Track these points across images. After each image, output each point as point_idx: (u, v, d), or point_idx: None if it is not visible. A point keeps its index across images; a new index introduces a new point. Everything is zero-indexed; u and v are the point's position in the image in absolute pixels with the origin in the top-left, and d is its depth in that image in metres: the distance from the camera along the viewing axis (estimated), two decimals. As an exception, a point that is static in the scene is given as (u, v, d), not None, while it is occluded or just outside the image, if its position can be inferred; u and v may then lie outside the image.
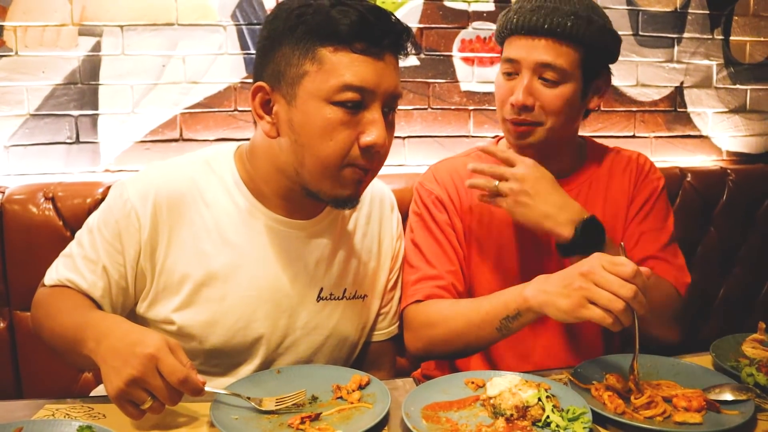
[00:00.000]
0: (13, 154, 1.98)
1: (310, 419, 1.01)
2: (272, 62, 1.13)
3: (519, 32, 1.35)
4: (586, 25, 1.33)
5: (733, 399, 1.06)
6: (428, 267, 1.39)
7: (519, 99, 1.34)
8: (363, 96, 1.09)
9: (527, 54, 1.34)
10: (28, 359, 1.76)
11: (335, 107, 1.09)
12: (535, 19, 1.33)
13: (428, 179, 1.51)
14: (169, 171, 1.24)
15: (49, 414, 1.04)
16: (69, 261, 1.23)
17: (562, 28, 1.32)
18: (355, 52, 1.08)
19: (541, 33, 1.33)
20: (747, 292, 2.25)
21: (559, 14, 1.32)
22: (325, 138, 1.09)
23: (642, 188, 1.48)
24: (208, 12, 2.04)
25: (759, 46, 2.47)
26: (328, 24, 1.07)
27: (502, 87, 1.40)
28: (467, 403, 1.07)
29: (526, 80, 1.34)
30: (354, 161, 1.12)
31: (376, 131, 1.10)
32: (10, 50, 1.94)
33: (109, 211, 1.20)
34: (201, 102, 2.06)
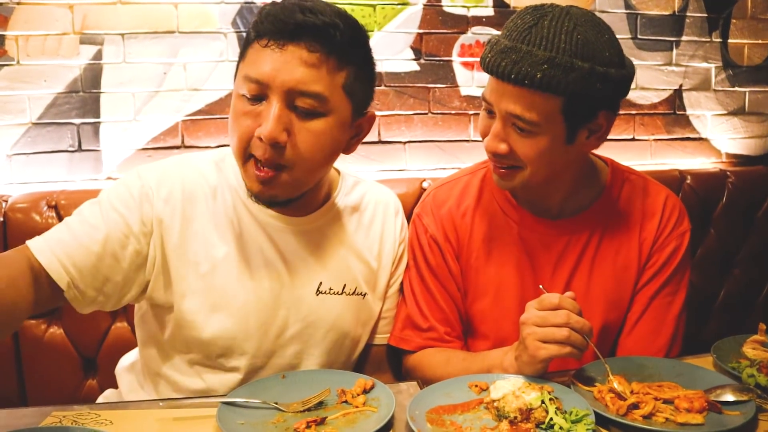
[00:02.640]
0: (15, 163, 1.99)
1: (316, 423, 1.01)
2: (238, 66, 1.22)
3: (492, 73, 1.22)
4: (564, 75, 1.15)
5: (735, 400, 1.06)
6: (419, 316, 1.40)
7: (490, 146, 1.26)
8: (261, 88, 1.13)
9: (498, 100, 1.22)
10: (32, 366, 1.76)
11: (240, 98, 1.15)
12: (503, 65, 1.18)
13: (426, 211, 1.44)
14: (184, 165, 1.28)
15: (56, 421, 1.04)
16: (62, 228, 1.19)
17: (530, 79, 1.16)
18: (261, 46, 1.13)
19: (508, 81, 1.18)
20: (747, 293, 2.25)
21: (529, 62, 1.15)
22: (233, 127, 1.17)
23: (666, 244, 1.37)
24: (209, 19, 2.05)
25: (757, 48, 2.49)
26: (257, 22, 1.15)
27: (483, 122, 1.30)
28: (471, 406, 1.08)
29: (499, 127, 1.24)
30: (252, 152, 1.15)
31: (265, 123, 1.11)
32: (12, 59, 1.95)
33: (123, 186, 1.23)
34: (202, 109, 2.07)
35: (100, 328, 1.77)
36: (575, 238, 1.38)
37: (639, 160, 2.40)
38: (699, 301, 2.17)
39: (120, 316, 1.79)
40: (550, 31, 1.17)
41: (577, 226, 1.38)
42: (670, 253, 1.37)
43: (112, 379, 1.42)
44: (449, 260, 1.41)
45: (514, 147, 1.24)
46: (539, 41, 1.17)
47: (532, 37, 1.18)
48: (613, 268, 1.36)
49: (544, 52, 1.16)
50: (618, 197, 1.40)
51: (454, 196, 1.45)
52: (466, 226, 1.41)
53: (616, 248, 1.38)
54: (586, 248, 1.38)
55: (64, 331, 1.76)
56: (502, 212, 1.41)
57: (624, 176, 1.43)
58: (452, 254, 1.41)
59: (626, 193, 1.41)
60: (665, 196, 1.42)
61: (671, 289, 1.37)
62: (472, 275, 1.42)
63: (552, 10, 1.20)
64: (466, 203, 1.43)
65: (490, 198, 1.42)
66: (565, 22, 1.18)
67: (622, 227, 1.39)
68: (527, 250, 1.39)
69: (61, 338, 1.76)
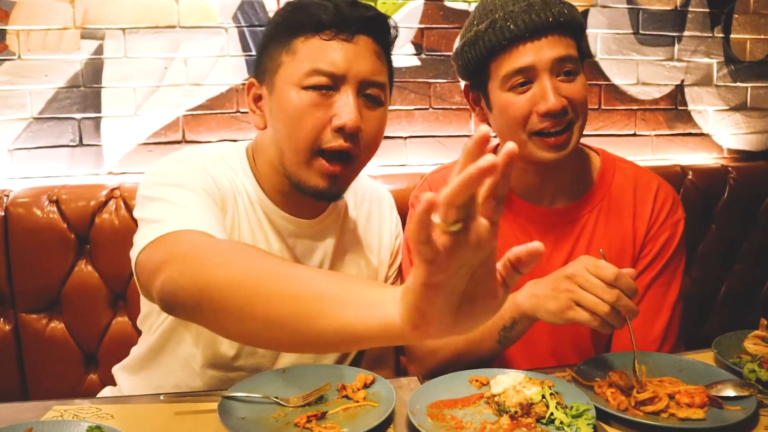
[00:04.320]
0: (16, 158, 1.99)
1: (317, 418, 1.02)
2: (261, 61, 1.20)
3: (521, 38, 1.24)
4: (574, 10, 1.28)
5: (736, 395, 1.06)
6: None
7: (555, 103, 1.23)
8: (333, 80, 1.13)
9: (539, 55, 1.24)
10: (33, 361, 1.76)
11: (306, 91, 1.13)
12: (534, 17, 1.24)
13: (423, 189, 1.46)
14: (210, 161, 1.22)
15: (57, 415, 1.05)
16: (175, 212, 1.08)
17: (564, 16, 1.25)
18: (325, 39, 1.14)
19: (545, 29, 1.24)
20: (748, 289, 2.25)
21: (551, 5, 1.25)
22: (295, 122, 1.13)
23: (659, 233, 1.38)
24: (210, 14, 2.05)
25: (759, 43, 2.48)
26: (303, 17, 1.15)
27: (518, 102, 1.27)
28: (472, 401, 1.08)
29: (549, 82, 1.24)
30: (326, 145, 1.13)
31: (346, 113, 1.12)
32: (13, 54, 1.95)
33: (190, 172, 1.16)
34: (203, 104, 2.07)
35: (101, 322, 1.78)
36: (569, 227, 1.39)
37: (640, 156, 2.39)
38: (700, 296, 2.17)
39: (121, 311, 1.79)
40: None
41: (571, 215, 1.39)
42: (664, 242, 1.38)
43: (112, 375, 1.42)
44: None
45: (568, 94, 1.26)
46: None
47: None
48: (608, 257, 1.36)
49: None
50: (610, 186, 1.41)
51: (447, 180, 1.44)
52: None
53: (609, 238, 1.38)
54: (580, 237, 1.39)
55: (65, 326, 1.76)
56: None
57: (615, 165, 1.44)
58: None
59: (618, 183, 1.42)
60: (657, 184, 1.42)
61: (666, 278, 1.38)
62: None
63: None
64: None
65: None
66: None
67: (615, 216, 1.39)
68: (522, 238, 1.39)
69: (62, 333, 1.76)
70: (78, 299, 1.76)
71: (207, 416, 1.05)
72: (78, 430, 0.96)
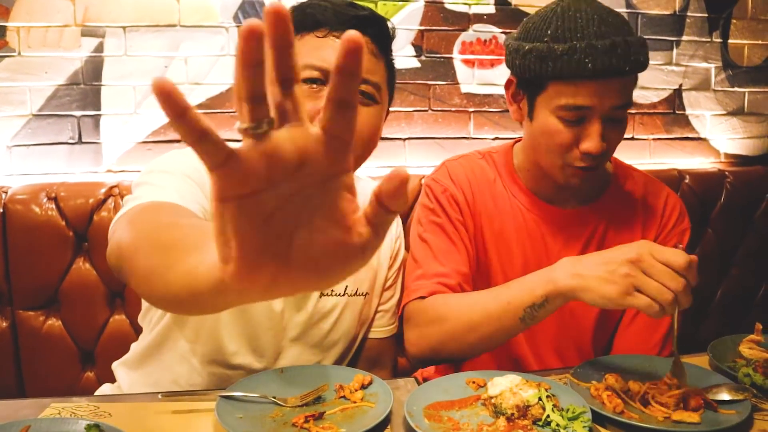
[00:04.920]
0: (15, 154, 1.98)
1: (314, 418, 1.02)
2: None
3: (594, 77, 1.19)
4: (646, 50, 1.24)
5: (730, 399, 1.07)
6: (436, 264, 1.33)
7: (599, 148, 1.23)
8: (324, 75, 1.15)
9: (601, 100, 1.21)
10: (30, 358, 1.76)
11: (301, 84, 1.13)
12: (615, 62, 1.18)
13: (443, 175, 1.44)
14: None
15: (55, 413, 1.05)
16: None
17: (641, 65, 1.23)
18: (319, 36, 1.17)
19: (619, 75, 1.21)
20: (744, 293, 2.26)
21: (633, 48, 1.20)
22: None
23: (666, 242, 1.38)
24: (211, 13, 2.05)
25: (757, 49, 2.49)
26: (300, 17, 1.18)
27: (564, 133, 1.25)
28: (469, 403, 1.09)
29: (600, 127, 1.23)
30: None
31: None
32: (13, 51, 1.95)
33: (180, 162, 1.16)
34: (203, 103, 2.07)
35: (99, 320, 1.78)
36: (580, 229, 1.40)
37: (638, 160, 2.40)
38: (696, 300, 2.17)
39: (118, 309, 1.79)
40: (614, 17, 1.24)
41: (583, 217, 1.40)
42: (673, 241, 1.37)
43: (109, 372, 1.42)
44: (467, 219, 1.39)
45: (609, 138, 1.25)
46: (621, 28, 1.22)
47: (610, 28, 1.21)
48: None
49: (633, 37, 1.22)
50: (621, 192, 1.43)
51: (468, 170, 1.44)
52: (479, 198, 1.41)
53: (619, 243, 1.37)
54: (590, 240, 1.40)
55: (62, 323, 1.76)
56: (511, 197, 1.42)
57: (627, 173, 1.47)
58: (470, 215, 1.40)
59: (629, 189, 1.44)
60: (666, 194, 1.45)
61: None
62: (481, 246, 1.41)
63: (577, 1, 1.25)
64: (479, 179, 1.43)
65: (502, 182, 1.44)
66: (600, 6, 1.26)
67: (625, 222, 1.41)
68: (532, 236, 1.40)
69: (59, 330, 1.76)
70: (76, 297, 1.76)
71: (205, 415, 1.05)
72: (76, 427, 0.96)
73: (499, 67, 2.26)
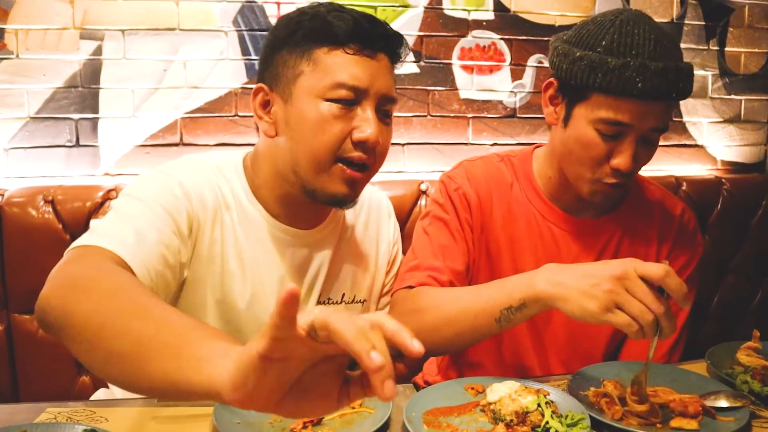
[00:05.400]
0: (12, 157, 1.98)
1: (312, 424, 1.02)
2: (272, 66, 1.19)
3: (640, 97, 1.18)
4: (692, 76, 1.23)
5: (728, 406, 1.07)
6: (432, 258, 1.33)
7: (630, 167, 1.23)
8: (356, 94, 1.14)
9: (642, 120, 1.21)
10: (25, 362, 1.75)
11: (328, 103, 1.14)
12: (664, 87, 1.18)
13: (459, 174, 1.43)
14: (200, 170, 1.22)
15: (51, 417, 1.04)
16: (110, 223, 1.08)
17: (686, 93, 1.22)
18: (349, 53, 1.14)
19: (664, 99, 1.20)
20: (741, 300, 2.27)
21: (683, 75, 1.20)
22: (318, 131, 1.14)
23: (679, 255, 1.40)
24: (210, 17, 2.05)
25: (753, 57, 2.50)
26: (324, 27, 1.14)
27: (599, 147, 1.24)
28: (467, 409, 1.08)
29: (634, 146, 1.23)
30: (346, 155, 1.15)
31: (368, 127, 1.14)
32: (11, 53, 1.94)
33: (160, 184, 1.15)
34: (202, 107, 2.07)
35: (95, 324, 1.77)
36: (595, 239, 1.39)
37: (635, 166, 2.40)
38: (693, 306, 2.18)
39: (115, 313, 1.78)
40: (669, 40, 1.22)
41: (599, 228, 1.40)
42: (683, 265, 1.41)
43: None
44: (476, 222, 1.38)
45: (639, 158, 1.26)
46: (674, 53, 1.22)
47: (665, 51, 1.20)
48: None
49: (684, 64, 1.21)
50: (638, 204, 1.43)
51: (485, 172, 1.43)
52: (495, 201, 1.40)
53: (633, 254, 1.36)
54: (604, 250, 1.39)
55: (58, 327, 1.75)
56: (528, 202, 1.41)
57: (644, 185, 1.47)
58: (480, 219, 1.39)
59: (646, 201, 1.44)
60: (681, 208, 1.46)
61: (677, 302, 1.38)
62: (486, 253, 1.39)
63: (636, 17, 1.23)
64: (496, 182, 1.42)
65: (519, 187, 1.42)
66: (657, 26, 1.23)
67: (640, 234, 1.41)
68: (546, 244, 1.39)
69: (55, 334, 1.75)
70: (72, 300, 1.75)
71: (202, 420, 1.04)
72: (73, 432, 0.95)
73: (497, 73, 2.26)
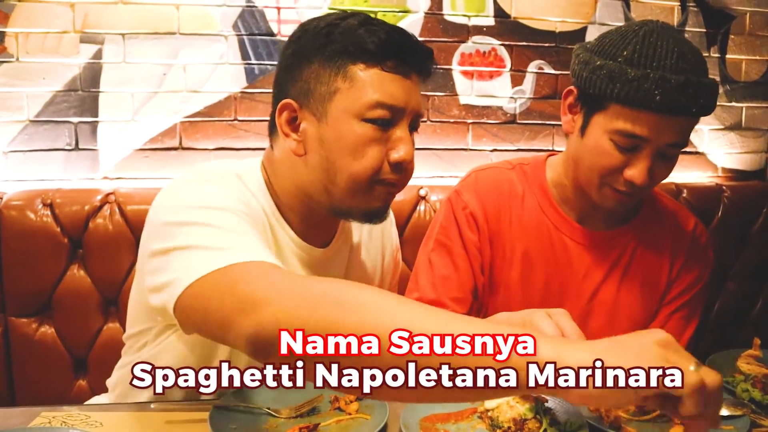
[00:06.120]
0: (11, 160, 1.98)
1: (308, 430, 1.01)
2: (300, 80, 1.13)
3: (658, 111, 1.15)
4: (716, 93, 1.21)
5: (729, 414, 1.06)
6: (432, 291, 1.34)
7: (645, 181, 1.21)
8: (392, 113, 1.11)
9: (659, 135, 1.18)
10: (22, 366, 1.75)
11: (366, 124, 1.10)
12: (683, 101, 1.15)
13: (468, 188, 1.41)
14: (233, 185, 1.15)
15: (45, 422, 1.03)
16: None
17: (708, 110, 1.19)
18: (386, 70, 1.10)
19: (684, 114, 1.18)
20: (741, 307, 2.26)
21: (705, 90, 1.17)
22: (357, 154, 1.10)
23: (691, 269, 1.40)
24: (210, 22, 2.05)
25: (754, 64, 2.50)
26: (359, 42, 1.09)
27: (612, 157, 1.22)
28: (465, 416, 1.08)
29: (650, 160, 1.20)
30: (384, 177, 1.13)
31: (404, 148, 1.12)
32: (11, 56, 1.94)
33: (227, 197, 1.07)
34: (201, 111, 2.07)
35: (92, 328, 1.76)
36: (608, 251, 1.38)
37: (636, 173, 2.40)
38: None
39: (112, 317, 1.78)
40: (694, 54, 1.20)
41: (612, 240, 1.38)
42: (694, 278, 1.40)
43: (102, 380, 1.40)
44: (483, 242, 1.36)
45: (655, 173, 1.23)
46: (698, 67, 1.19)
47: (688, 65, 1.17)
48: (641, 286, 1.35)
49: (708, 80, 1.19)
50: (652, 217, 1.42)
51: (496, 183, 1.41)
52: (505, 214, 1.38)
53: (646, 267, 1.38)
54: (617, 263, 1.38)
55: (55, 331, 1.75)
56: (541, 212, 1.39)
57: (657, 197, 1.46)
58: (487, 236, 1.37)
59: (659, 215, 1.43)
60: (694, 222, 1.45)
61: (687, 312, 1.39)
62: (498, 266, 1.38)
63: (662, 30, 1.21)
64: (507, 193, 1.40)
65: (532, 197, 1.40)
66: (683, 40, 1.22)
67: (654, 247, 1.39)
68: (558, 255, 1.37)
69: (51, 338, 1.75)
70: (69, 304, 1.75)
71: (197, 425, 1.03)
72: (66, 437, 0.95)
73: (498, 79, 2.26)
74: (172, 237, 0.97)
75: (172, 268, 0.95)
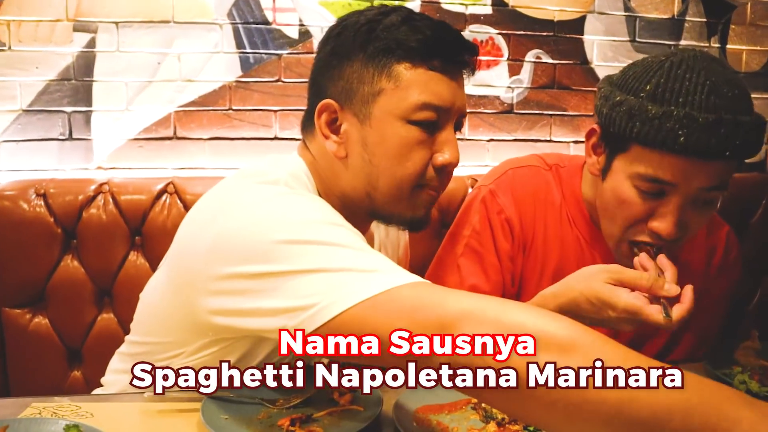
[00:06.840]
0: (4, 150, 1.96)
1: (301, 421, 1.00)
2: (341, 79, 1.08)
3: (684, 153, 1.03)
4: (758, 133, 1.07)
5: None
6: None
7: (672, 233, 1.09)
8: (439, 115, 1.07)
9: (688, 180, 1.06)
10: (16, 357, 1.74)
11: (412, 126, 1.06)
12: (714, 143, 1.02)
13: (504, 189, 1.31)
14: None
15: (35, 412, 1.02)
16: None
17: (747, 151, 1.06)
18: (432, 70, 1.06)
19: (716, 158, 1.04)
20: (739, 299, 2.25)
21: (743, 130, 1.03)
22: (401, 158, 1.07)
23: (722, 273, 1.37)
24: (205, 10, 2.03)
25: (755, 54, 2.48)
26: (403, 40, 1.05)
27: (637, 206, 1.11)
28: (458, 407, 1.07)
29: (680, 210, 1.08)
30: (428, 182, 1.10)
31: (450, 150, 1.09)
32: (4, 45, 1.92)
33: (327, 209, 1.02)
34: (195, 100, 2.05)
35: (86, 318, 1.75)
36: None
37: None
38: (691, 306, 2.17)
39: (106, 307, 1.77)
40: (731, 87, 1.08)
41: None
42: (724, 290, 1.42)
43: (96, 371, 1.39)
44: (516, 250, 1.29)
45: (690, 222, 1.12)
46: (735, 103, 1.06)
47: (722, 101, 1.05)
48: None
49: (747, 117, 1.06)
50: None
51: (533, 187, 1.33)
52: (540, 223, 1.31)
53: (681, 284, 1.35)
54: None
55: (49, 321, 1.74)
56: (572, 222, 1.33)
57: None
58: (520, 245, 1.29)
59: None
60: (727, 230, 1.42)
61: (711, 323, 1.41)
62: (528, 278, 1.32)
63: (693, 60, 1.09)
64: (543, 200, 1.33)
65: (564, 204, 1.34)
66: (719, 71, 1.09)
67: (685, 264, 1.28)
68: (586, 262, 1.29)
69: (46, 328, 1.73)
70: (63, 295, 1.74)
71: (190, 416, 1.03)
72: (55, 428, 0.93)
73: (494, 69, 2.24)
74: (296, 257, 0.88)
75: (302, 291, 0.86)
